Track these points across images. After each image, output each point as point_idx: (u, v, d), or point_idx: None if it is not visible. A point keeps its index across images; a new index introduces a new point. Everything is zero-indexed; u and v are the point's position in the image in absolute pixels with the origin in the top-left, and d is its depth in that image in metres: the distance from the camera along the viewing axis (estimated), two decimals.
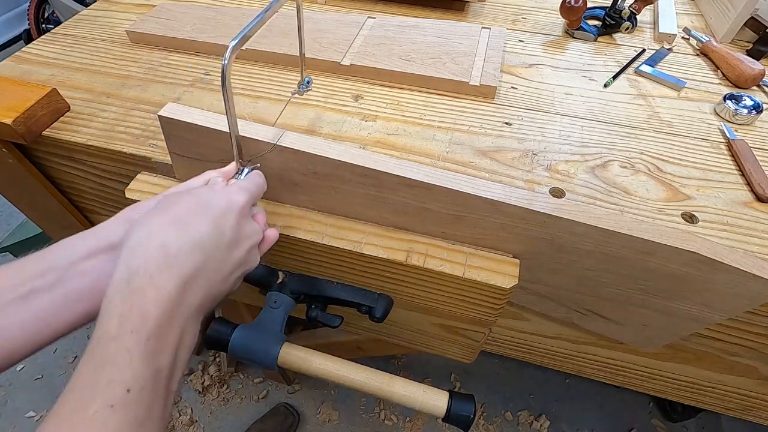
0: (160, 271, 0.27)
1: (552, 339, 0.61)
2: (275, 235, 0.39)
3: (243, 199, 0.34)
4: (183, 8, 0.72)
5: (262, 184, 0.39)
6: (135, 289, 0.26)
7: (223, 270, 0.31)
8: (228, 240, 0.32)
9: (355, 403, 1.25)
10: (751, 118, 0.56)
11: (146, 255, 0.27)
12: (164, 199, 0.33)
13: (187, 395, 1.26)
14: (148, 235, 0.28)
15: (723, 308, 0.41)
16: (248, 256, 0.34)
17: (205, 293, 0.30)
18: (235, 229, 0.32)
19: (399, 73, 0.60)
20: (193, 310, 0.28)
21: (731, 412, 0.66)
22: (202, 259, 0.29)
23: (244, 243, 0.34)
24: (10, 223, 1.61)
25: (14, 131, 0.50)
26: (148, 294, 0.26)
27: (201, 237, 0.30)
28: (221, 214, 0.32)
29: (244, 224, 0.34)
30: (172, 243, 0.28)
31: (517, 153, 0.52)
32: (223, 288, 0.32)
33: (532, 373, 1.32)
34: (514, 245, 0.43)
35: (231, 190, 0.35)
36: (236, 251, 0.33)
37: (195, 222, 0.30)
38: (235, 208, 0.33)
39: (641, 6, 0.70)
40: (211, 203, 0.32)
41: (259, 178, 0.39)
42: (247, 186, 0.37)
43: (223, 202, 0.33)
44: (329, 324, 0.48)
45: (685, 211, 0.46)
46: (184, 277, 0.28)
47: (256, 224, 0.36)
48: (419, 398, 0.42)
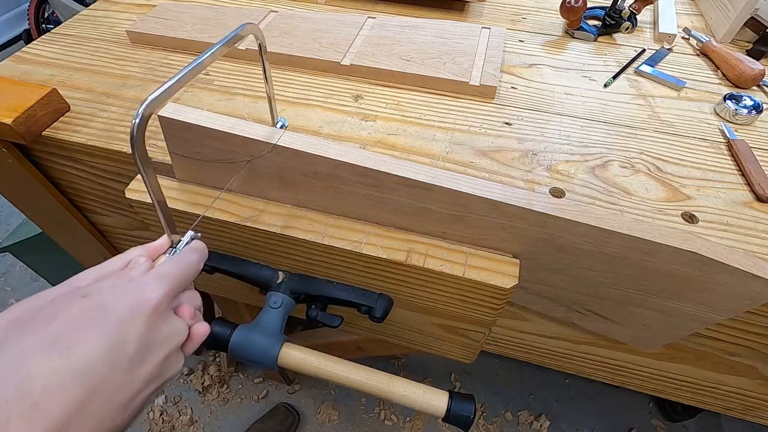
0: (20, 422, 0.21)
1: (552, 339, 0.61)
2: (204, 331, 0.31)
3: (158, 293, 0.27)
4: (183, 8, 0.72)
5: (195, 263, 0.32)
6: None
7: (121, 396, 0.25)
8: (131, 355, 0.25)
9: (355, 403, 1.25)
10: (751, 118, 0.56)
11: (6, 398, 0.21)
12: (49, 304, 0.26)
13: (187, 395, 1.26)
14: (6, 372, 0.22)
15: (723, 308, 0.41)
16: (164, 366, 0.27)
17: (97, 428, 0.23)
18: (144, 337, 0.26)
19: (399, 73, 0.60)
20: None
21: (731, 412, 0.66)
22: (84, 393, 0.23)
23: (158, 352, 0.27)
24: (10, 223, 1.61)
25: (14, 131, 0.50)
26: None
27: (86, 361, 0.23)
28: (123, 322, 0.25)
29: (159, 327, 0.27)
30: (37, 379, 0.22)
31: (517, 153, 0.52)
32: (126, 414, 0.25)
33: (532, 373, 1.32)
34: (514, 245, 0.43)
35: (144, 282, 0.28)
36: (144, 366, 0.26)
37: (81, 340, 0.24)
38: (146, 308, 0.26)
39: (641, 6, 0.70)
40: (108, 309, 0.25)
41: (192, 255, 0.32)
42: (170, 272, 0.29)
43: (129, 302, 0.26)
44: (329, 324, 0.48)
45: (685, 211, 0.46)
46: (53, 423, 0.21)
47: (179, 321, 0.29)
48: (419, 398, 0.42)
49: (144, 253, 0.32)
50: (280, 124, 0.49)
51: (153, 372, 0.27)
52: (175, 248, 0.33)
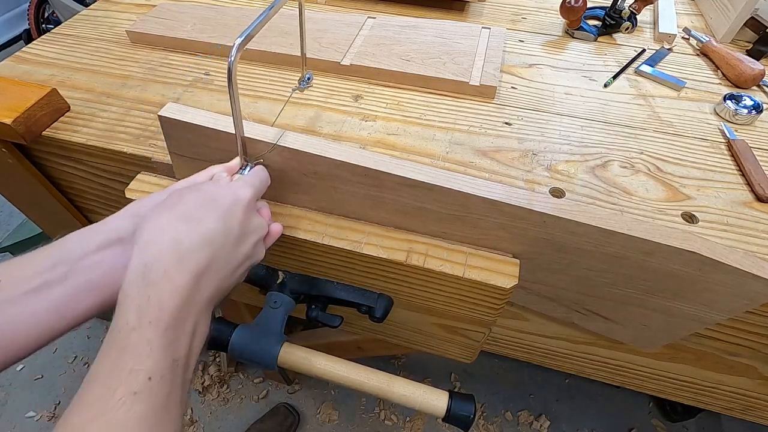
0: (173, 266, 0.28)
1: (552, 339, 0.61)
2: (279, 229, 0.40)
3: (248, 194, 0.35)
4: (183, 8, 0.72)
5: (266, 179, 0.40)
6: (151, 282, 0.27)
7: (231, 263, 0.32)
8: (236, 235, 0.33)
9: (355, 403, 1.25)
10: (751, 118, 0.56)
11: (160, 250, 0.28)
12: (172, 194, 0.33)
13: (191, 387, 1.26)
14: (161, 230, 0.29)
15: (723, 308, 0.41)
16: (254, 250, 0.35)
17: (215, 285, 0.31)
18: (242, 223, 0.33)
19: (399, 73, 0.60)
20: (205, 301, 0.30)
21: (731, 412, 0.66)
22: (212, 253, 0.30)
23: (251, 237, 0.35)
24: (10, 223, 1.61)
25: (14, 131, 0.50)
26: (163, 287, 0.27)
27: (210, 232, 0.31)
28: (228, 210, 0.33)
29: (250, 219, 0.35)
30: (184, 238, 0.29)
31: (517, 153, 0.52)
32: (232, 280, 0.33)
33: (532, 373, 1.32)
34: (514, 245, 0.43)
35: (236, 185, 0.35)
36: (243, 245, 0.34)
37: (204, 218, 0.31)
38: (241, 203, 0.34)
39: (641, 6, 0.70)
40: (217, 199, 0.33)
41: (262, 172, 0.40)
42: (252, 181, 0.37)
43: (230, 197, 0.33)
44: (329, 324, 0.48)
45: (685, 211, 0.46)
46: (196, 270, 0.29)
47: (261, 218, 0.37)
48: (419, 398, 0.42)
49: (224, 170, 0.39)
50: (308, 76, 0.53)
51: (248, 252, 0.34)
52: (243, 170, 0.40)
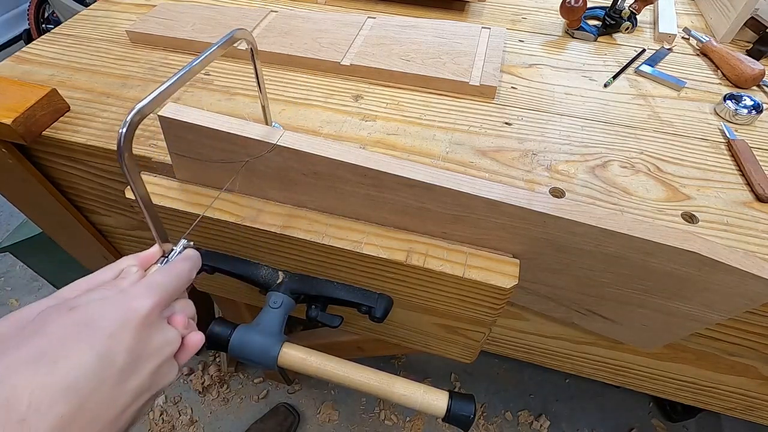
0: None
1: (552, 339, 0.61)
2: (199, 341, 0.31)
3: (147, 304, 0.27)
4: (183, 8, 0.72)
5: (187, 272, 0.32)
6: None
7: (111, 409, 0.24)
8: (120, 367, 0.25)
9: (355, 403, 1.25)
10: (751, 118, 0.56)
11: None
12: (36, 319, 0.26)
13: (187, 395, 1.26)
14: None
15: (723, 308, 0.41)
16: (155, 378, 0.27)
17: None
18: (133, 349, 0.26)
19: (399, 73, 0.60)
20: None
21: (731, 412, 0.66)
22: (71, 408, 0.22)
23: (148, 363, 0.27)
24: (10, 223, 1.61)
25: (14, 131, 0.50)
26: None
27: (73, 376, 0.23)
28: (111, 335, 0.25)
29: (149, 337, 0.27)
30: (22, 397, 0.21)
31: (517, 153, 0.52)
32: (118, 427, 0.25)
33: (532, 373, 1.32)
34: (514, 245, 0.43)
35: (132, 293, 0.28)
36: (134, 378, 0.26)
37: (68, 354, 0.23)
38: (134, 319, 0.26)
39: (641, 6, 0.70)
40: (95, 321, 0.25)
41: (184, 264, 0.32)
42: (161, 281, 0.29)
43: (117, 314, 0.26)
44: (329, 324, 0.48)
45: (685, 211, 0.46)
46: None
47: (171, 330, 0.29)
48: (419, 398, 0.42)
49: (135, 263, 0.32)
50: (274, 125, 0.48)
51: (143, 384, 0.26)
52: (167, 257, 0.33)
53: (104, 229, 0.70)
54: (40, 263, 1.15)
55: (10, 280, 1.50)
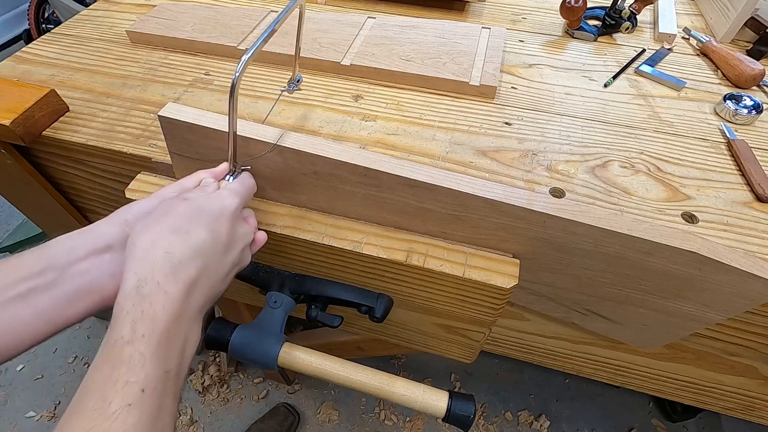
0: (167, 279, 0.29)
1: (552, 339, 0.61)
2: (264, 237, 0.41)
3: (234, 203, 0.36)
4: (183, 8, 0.72)
5: (252, 186, 0.40)
6: (145, 295, 0.28)
7: (220, 271, 0.33)
8: (224, 243, 0.33)
9: (355, 403, 1.25)
10: (751, 118, 0.56)
11: (153, 263, 0.29)
12: (160, 204, 0.34)
13: (187, 395, 1.26)
14: (152, 243, 0.30)
15: (723, 308, 0.41)
16: (242, 256, 0.36)
17: (206, 294, 0.32)
18: (229, 232, 0.34)
19: (399, 73, 0.60)
20: (196, 311, 0.31)
21: (731, 412, 0.66)
22: (202, 263, 0.31)
23: (238, 244, 0.35)
24: (10, 223, 1.61)
25: (12, 132, 0.50)
26: (157, 300, 0.28)
27: (200, 243, 0.31)
28: (216, 219, 0.33)
29: (237, 227, 0.36)
30: (176, 251, 0.30)
31: (517, 153, 0.52)
32: (221, 287, 0.34)
33: (532, 373, 1.31)
34: (514, 245, 0.43)
35: (223, 194, 0.36)
36: (231, 253, 0.34)
37: (193, 229, 0.32)
38: (228, 212, 0.35)
39: (641, 6, 0.70)
40: (204, 209, 0.33)
41: (249, 179, 0.40)
42: (238, 189, 0.38)
43: (217, 207, 0.34)
44: (329, 324, 0.48)
45: (685, 211, 0.46)
46: (188, 282, 0.30)
47: (248, 226, 0.38)
48: (419, 398, 0.42)
49: (211, 176, 0.39)
50: (298, 78, 0.52)
51: (235, 259, 0.35)
52: (232, 175, 0.40)
53: None
54: None
55: None
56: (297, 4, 0.42)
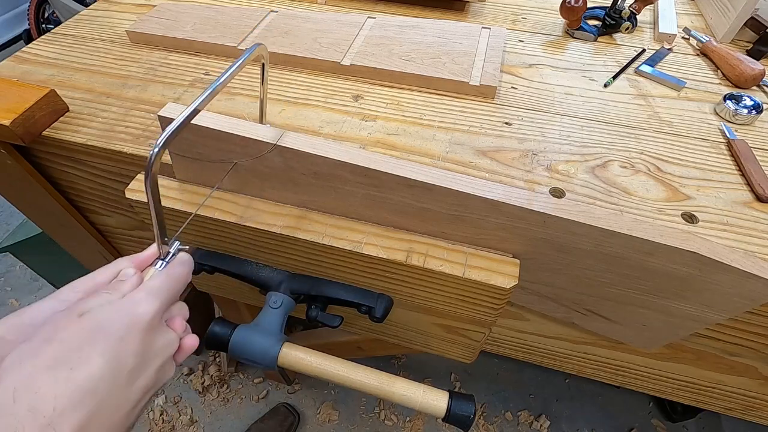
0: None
1: (552, 339, 0.61)
2: (194, 343, 0.33)
3: (152, 309, 0.29)
4: (183, 8, 0.72)
5: (184, 277, 0.33)
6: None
7: (124, 406, 0.27)
8: (130, 369, 0.27)
9: (355, 403, 1.25)
10: (751, 118, 0.56)
11: (14, 422, 0.22)
12: (46, 324, 0.27)
13: (187, 395, 1.26)
14: (15, 393, 0.23)
15: (723, 308, 0.41)
16: (158, 376, 0.29)
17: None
18: (140, 351, 0.27)
19: (399, 73, 0.60)
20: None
21: (731, 412, 0.66)
22: (92, 406, 0.24)
23: (153, 362, 0.29)
24: (10, 223, 1.61)
25: (12, 132, 0.50)
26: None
27: (91, 378, 0.25)
28: (120, 339, 0.27)
29: (153, 340, 0.29)
30: (47, 401, 0.23)
31: (517, 153, 0.52)
32: (128, 423, 0.27)
33: (532, 373, 1.32)
34: (514, 245, 0.43)
35: (136, 299, 0.29)
36: (142, 377, 0.28)
37: (83, 359, 0.25)
38: (140, 324, 0.28)
39: (641, 6, 0.70)
40: (104, 327, 0.26)
41: (181, 268, 0.33)
42: (161, 286, 0.30)
43: (124, 320, 0.27)
44: (329, 324, 0.48)
45: (685, 211, 0.46)
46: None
47: (171, 333, 0.31)
48: (419, 398, 0.42)
49: (132, 265, 0.33)
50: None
51: (149, 382, 0.28)
52: (163, 260, 0.33)
53: (104, 229, 0.70)
54: (40, 263, 1.15)
55: (10, 280, 1.50)
56: (256, 52, 0.37)
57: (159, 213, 0.32)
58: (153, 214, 0.32)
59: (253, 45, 0.39)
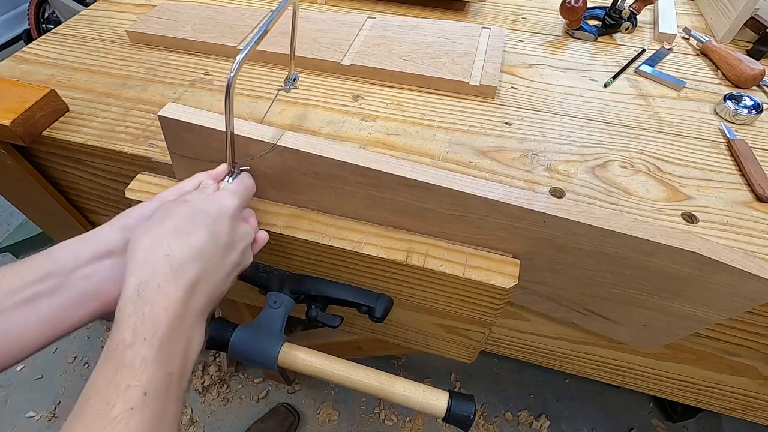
0: (167, 281, 0.29)
1: (552, 339, 0.61)
2: (266, 237, 0.41)
3: (234, 203, 0.36)
4: (183, 8, 0.72)
5: (251, 186, 0.41)
6: (146, 299, 0.28)
7: (221, 272, 0.33)
8: (224, 244, 0.34)
9: (355, 403, 1.25)
10: (751, 118, 0.56)
11: (153, 266, 0.29)
12: (160, 207, 0.34)
13: (187, 395, 1.26)
14: (152, 246, 0.30)
15: (723, 308, 0.41)
16: (242, 257, 0.36)
17: (208, 295, 0.32)
18: (229, 233, 0.34)
19: (399, 73, 0.60)
20: (198, 312, 0.31)
21: (731, 412, 0.66)
22: (203, 265, 0.31)
23: (238, 245, 0.36)
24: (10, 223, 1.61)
25: (12, 133, 0.50)
26: (158, 303, 0.28)
27: (200, 245, 0.31)
28: (215, 221, 0.34)
29: (237, 227, 0.36)
30: (176, 253, 0.30)
31: (517, 153, 0.52)
32: (223, 288, 0.34)
33: (532, 373, 1.31)
34: (514, 245, 0.43)
35: (222, 195, 0.36)
36: (232, 253, 0.35)
37: (193, 231, 0.32)
38: (227, 212, 0.35)
39: (641, 6, 0.70)
40: (204, 210, 0.34)
41: (248, 180, 0.40)
42: (237, 190, 0.38)
43: (216, 208, 0.34)
44: (329, 324, 0.48)
45: (685, 211, 0.46)
46: (188, 283, 0.30)
47: (248, 226, 0.38)
48: (419, 398, 0.42)
49: (210, 178, 0.39)
50: (294, 76, 0.51)
51: (237, 259, 0.35)
52: (231, 176, 0.40)
53: None
54: None
55: None
56: (290, 2, 0.42)
57: (232, 137, 0.38)
58: (228, 138, 0.38)
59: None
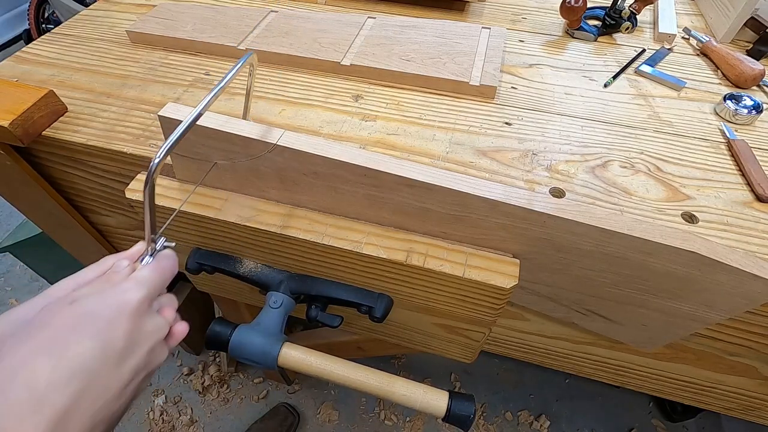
0: (28, 416, 0.24)
1: (552, 339, 0.61)
2: (185, 330, 0.36)
3: (138, 296, 0.31)
4: (183, 8, 0.72)
5: (171, 268, 0.35)
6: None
7: (113, 387, 0.28)
8: (119, 350, 0.29)
9: (355, 403, 1.25)
10: (751, 118, 0.56)
11: (11, 398, 0.24)
12: (41, 312, 0.29)
13: (187, 395, 1.26)
14: (13, 372, 0.25)
15: (723, 308, 0.41)
16: (150, 357, 0.31)
17: (91, 420, 0.27)
18: (129, 334, 0.29)
19: (399, 73, 0.60)
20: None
21: (731, 412, 0.66)
22: (82, 385, 0.26)
23: (143, 345, 0.30)
24: (10, 223, 1.61)
25: (11, 134, 0.50)
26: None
27: (81, 359, 0.27)
28: (109, 323, 0.29)
29: (142, 325, 0.31)
30: (42, 378, 0.25)
31: (517, 153, 0.52)
32: (119, 403, 0.29)
33: (532, 373, 1.32)
34: (514, 245, 0.43)
35: (124, 287, 0.31)
36: (131, 359, 0.29)
37: (74, 342, 0.27)
38: (128, 309, 0.30)
39: (641, 6, 0.70)
40: (93, 313, 0.29)
41: (168, 260, 0.35)
42: (147, 278, 0.33)
43: (112, 306, 0.29)
44: (329, 324, 0.48)
45: (685, 211, 0.46)
46: (56, 415, 0.25)
47: (161, 319, 0.33)
48: (419, 398, 0.42)
49: (124, 259, 0.35)
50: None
51: (140, 363, 0.30)
52: (150, 255, 0.36)
53: (104, 229, 0.70)
54: (40, 263, 1.15)
55: (10, 280, 1.50)
56: (248, 61, 0.39)
57: (153, 215, 0.34)
58: (147, 217, 0.34)
59: (245, 56, 0.40)
